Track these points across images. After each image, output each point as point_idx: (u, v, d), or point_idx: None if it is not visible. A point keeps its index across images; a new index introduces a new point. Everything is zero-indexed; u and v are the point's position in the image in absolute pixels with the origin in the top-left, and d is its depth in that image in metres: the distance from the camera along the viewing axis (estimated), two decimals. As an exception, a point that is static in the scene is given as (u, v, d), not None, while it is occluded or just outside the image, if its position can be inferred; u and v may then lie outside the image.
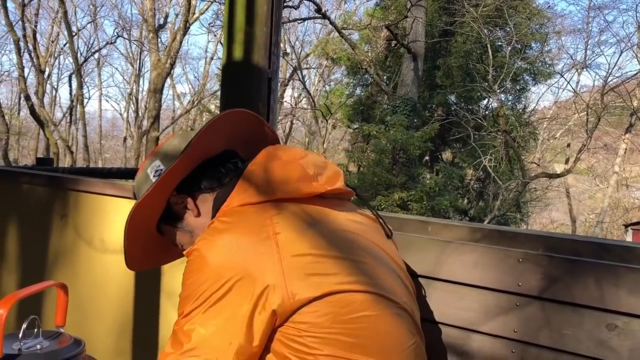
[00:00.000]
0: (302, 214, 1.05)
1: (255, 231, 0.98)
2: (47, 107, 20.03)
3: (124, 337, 2.29)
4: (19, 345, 0.64)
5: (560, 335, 1.19)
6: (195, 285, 0.96)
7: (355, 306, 0.98)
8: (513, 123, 12.85)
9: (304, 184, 1.08)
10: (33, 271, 2.65)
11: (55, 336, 0.68)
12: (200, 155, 1.15)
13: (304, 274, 0.95)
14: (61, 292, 0.72)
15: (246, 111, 1.21)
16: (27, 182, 2.69)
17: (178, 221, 1.18)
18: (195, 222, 1.16)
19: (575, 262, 1.22)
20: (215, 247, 0.97)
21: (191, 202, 1.16)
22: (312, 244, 0.99)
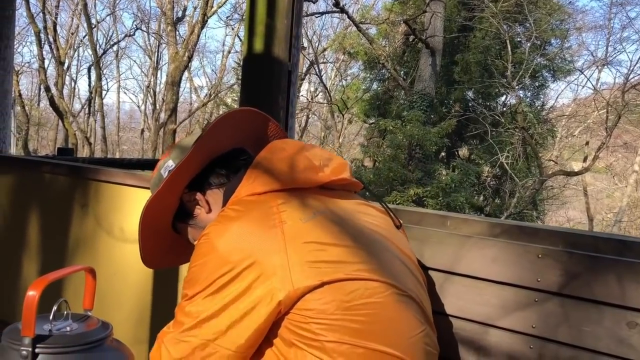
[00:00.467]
0: (308, 203, 1.07)
1: (262, 220, 1.00)
2: (66, 98, 20.24)
3: (142, 325, 2.32)
4: (49, 326, 0.66)
5: (579, 332, 1.19)
6: (201, 270, 0.98)
7: (360, 293, 0.99)
8: (531, 120, 12.72)
9: (310, 174, 1.10)
10: (54, 259, 2.70)
11: (84, 319, 0.69)
12: (209, 153, 1.18)
13: (307, 262, 0.97)
14: (89, 276, 0.74)
15: (254, 110, 1.23)
16: (48, 171, 2.72)
17: (190, 218, 1.21)
18: (206, 217, 1.19)
19: (596, 258, 1.21)
20: (224, 234, 0.99)
21: (202, 198, 1.19)
22: (317, 232, 1.01)
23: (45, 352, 0.62)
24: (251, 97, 1.94)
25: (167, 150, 1.26)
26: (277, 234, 0.98)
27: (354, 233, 1.07)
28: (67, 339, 0.64)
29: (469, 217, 1.51)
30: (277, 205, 1.03)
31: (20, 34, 19.86)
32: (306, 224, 1.01)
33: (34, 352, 0.61)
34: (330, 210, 1.08)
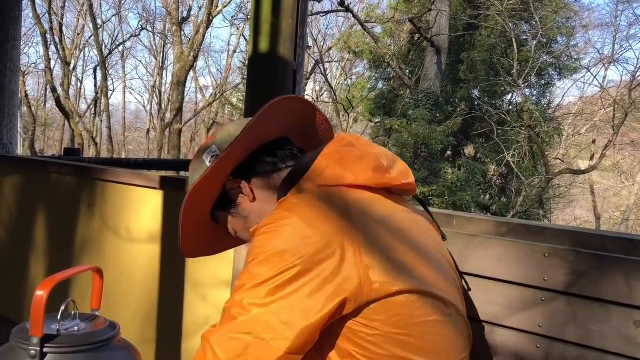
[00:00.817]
0: (377, 204, 1.03)
1: (331, 213, 0.95)
2: (72, 98, 20.33)
3: (148, 325, 2.33)
4: (57, 326, 0.66)
5: (586, 331, 1.18)
6: (261, 264, 0.92)
7: (427, 309, 0.96)
8: (537, 118, 12.67)
9: (379, 174, 1.06)
10: (61, 259, 2.71)
11: (92, 319, 0.70)
12: (257, 140, 1.13)
13: (382, 264, 0.92)
14: (97, 276, 0.74)
15: (303, 99, 1.20)
16: (55, 171, 2.74)
17: (232, 206, 1.15)
18: (250, 207, 1.14)
19: (603, 257, 1.20)
20: (287, 227, 0.93)
21: (247, 186, 1.13)
22: (390, 236, 0.97)
23: (54, 352, 0.62)
24: (256, 97, 1.94)
25: (210, 135, 1.20)
26: (349, 229, 0.93)
27: (419, 243, 1.03)
28: (75, 339, 0.64)
29: (474, 216, 1.51)
30: (345, 201, 0.98)
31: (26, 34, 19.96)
32: (378, 225, 0.97)
33: (42, 352, 0.61)
34: (397, 214, 1.04)
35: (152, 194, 2.31)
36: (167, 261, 2.29)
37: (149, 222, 2.33)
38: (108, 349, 0.64)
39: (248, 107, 1.97)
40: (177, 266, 2.22)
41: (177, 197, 2.23)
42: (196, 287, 2.17)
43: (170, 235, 2.28)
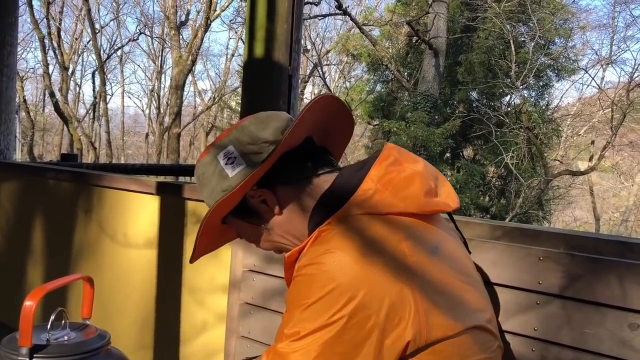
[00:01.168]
0: (425, 233, 0.95)
1: (385, 249, 0.87)
2: (70, 103, 20.33)
3: (146, 331, 2.32)
4: (47, 336, 0.66)
5: (581, 334, 1.18)
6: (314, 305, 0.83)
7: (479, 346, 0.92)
8: (536, 120, 12.68)
9: (429, 200, 0.97)
10: (58, 265, 2.71)
11: (82, 328, 0.69)
12: (290, 145, 1.02)
13: (441, 308, 0.86)
14: (87, 285, 0.74)
15: (334, 96, 1.11)
16: (52, 177, 2.74)
17: (253, 216, 1.05)
18: (275, 219, 1.04)
19: (598, 260, 1.21)
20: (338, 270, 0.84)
21: (272, 197, 1.02)
22: (443, 270, 0.91)
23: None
24: (252, 101, 1.95)
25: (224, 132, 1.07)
26: (405, 271, 0.86)
27: (466, 268, 0.99)
28: (65, 348, 0.64)
29: (470, 219, 1.51)
30: (400, 236, 0.90)
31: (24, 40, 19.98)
32: (431, 260, 0.90)
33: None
34: (443, 241, 0.98)
35: (149, 200, 2.31)
36: (164, 266, 2.29)
37: (146, 228, 2.33)
38: (98, 358, 0.64)
39: (244, 112, 1.97)
40: (174, 271, 2.22)
41: (174, 202, 2.23)
42: (193, 292, 2.17)
43: (168, 241, 2.28)
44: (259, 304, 1.80)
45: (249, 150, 1.01)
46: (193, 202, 2.16)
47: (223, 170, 1.02)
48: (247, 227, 1.08)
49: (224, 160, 1.02)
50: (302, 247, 0.96)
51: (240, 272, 1.88)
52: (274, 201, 1.03)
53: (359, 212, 0.93)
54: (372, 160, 1.01)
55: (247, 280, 1.85)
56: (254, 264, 1.84)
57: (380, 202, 0.94)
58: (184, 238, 2.19)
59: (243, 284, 1.86)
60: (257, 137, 1.01)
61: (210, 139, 23.78)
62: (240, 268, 1.89)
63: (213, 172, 1.03)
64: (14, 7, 3.14)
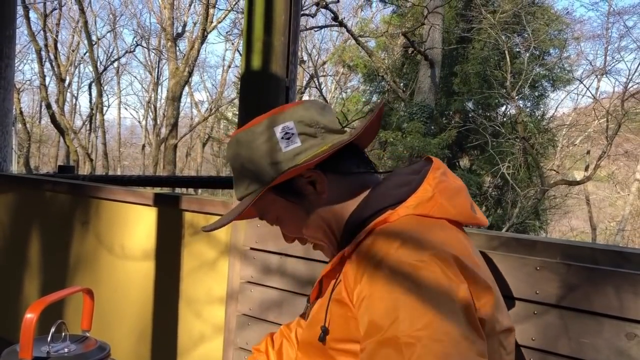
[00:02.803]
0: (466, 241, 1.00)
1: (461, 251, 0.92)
2: (67, 115, 20.33)
3: (143, 342, 2.32)
4: (47, 348, 0.66)
5: (578, 344, 1.19)
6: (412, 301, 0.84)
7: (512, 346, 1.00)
8: (531, 130, 12.73)
9: (472, 213, 1.04)
10: (55, 277, 2.70)
11: (82, 340, 0.70)
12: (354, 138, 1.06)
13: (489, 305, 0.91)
14: (87, 297, 0.74)
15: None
16: (49, 189, 2.74)
17: (296, 196, 1.04)
18: (318, 202, 1.04)
19: (594, 270, 1.21)
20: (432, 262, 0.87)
21: (323, 179, 1.03)
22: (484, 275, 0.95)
23: (43, 375, 0.62)
24: (249, 113, 1.95)
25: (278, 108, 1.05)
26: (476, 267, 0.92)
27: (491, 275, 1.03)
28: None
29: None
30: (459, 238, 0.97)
31: (21, 52, 20.02)
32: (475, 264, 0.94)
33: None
34: (475, 250, 1.03)
35: (146, 211, 2.31)
36: (161, 278, 2.28)
37: (143, 239, 2.33)
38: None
39: (241, 123, 1.98)
40: (171, 283, 2.22)
41: (171, 213, 2.23)
42: (191, 303, 2.16)
43: (165, 252, 2.27)
44: (256, 316, 1.80)
45: (307, 132, 1.02)
46: (190, 214, 2.16)
47: (277, 144, 1.01)
48: (284, 206, 1.06)
49: (281, 134, 1.01)
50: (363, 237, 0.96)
51: (238, 283, 1.89)
52: (324, 185, 1.03)
53: (415, 212, 0.97)
54: (425, 167, 1.06)
55: (245, 291, 1.85)
56: (251, 276, 1.84)
57: (436, 206, 0.98)
58: (182, 249, 2.19)
59: (240, 296, 1.86)
60: (316, 121, 1.03)
61: (207, 150, 23.79)
62: (238, 279, 1.89)
63: (264, 142, 1.02)
64: (11, 20, 3.15)
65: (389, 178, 1.07)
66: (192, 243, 2.16)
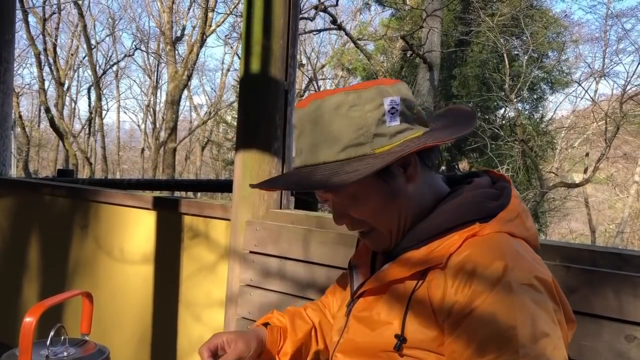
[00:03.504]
0: None
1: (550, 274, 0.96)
2: (66, 119, 20.32)
3: (143, 346, 2.31)
4: (46, 352, 0.66)
5: (578, 347, 1.19)
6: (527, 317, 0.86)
7: None
8: (530, 132, 12.74)
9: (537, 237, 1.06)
10: (54, 281, 2.69)
11: (81, 344, 0.69)
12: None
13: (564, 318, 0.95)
14: (86, 300, 0.74)
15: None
16: (48, 193, 2.74)
17: (388, 175, 0.98)
18: (404, 187, 1.00)
19: (593, 272, 1.21)
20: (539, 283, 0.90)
21: (417, 165, 1.00)
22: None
23: (42, 378, 0.62)
24: (249, 116, 1.96)
25: (390, 85, 0.99)
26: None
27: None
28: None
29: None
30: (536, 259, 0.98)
31: (20, 56, 20.01)
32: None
33: (30, 378, 0.61)
34: None
35: (146, 215, 2.31)
36: (160, 282, 2.28)
37: (143, 243, 2.32)
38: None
39: (241, 126, 1.98)
40: (171, 287, 2.21)
41: (171, 217, 2.23)
42: (190, 307, 2.16)
43: (164, 256, 2.27)
44: (256, 319, 1.79)
45: (406, 113, 0.98)
46: (189, 217, 2.16)
47: (384, 116, 0.96)
48: (370, 183, 0.98)
49: (389, 106, 0.96)
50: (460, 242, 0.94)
51: (237, 286, 1.88)
52: (416, 169, 1.00)
53: (503, 230, 0.96)
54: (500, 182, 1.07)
55: (244, 295, 1.85)
56: (250, 279, 1.84)
57: (519, 226, 0.99)
58: (181, 253, 2.19)
59: (240, 299, 1.86)
60: (414, 106, 1.01)
61: (206, 153, 23.80)
62: (237, 283, 1.89)
63: (372, 111, 0.96)
64: (10, 25, 3.15)
65: (469, 189, 1.03)
66: (191, 246, 2.16)
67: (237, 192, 1.94)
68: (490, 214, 0.97)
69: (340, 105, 0.96)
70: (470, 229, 0.95)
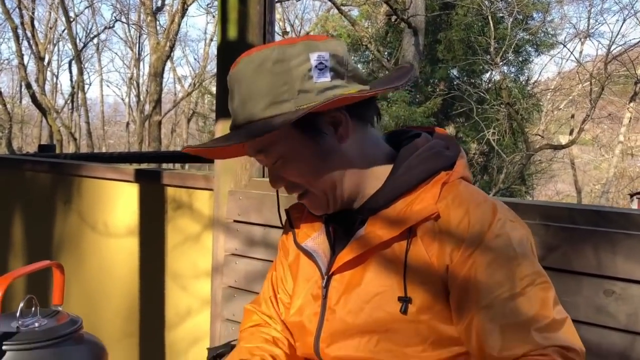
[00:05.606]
0: None
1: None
2: (48, 94, 20.01)
3: (131, 319, 2.32)
4: (17, 323, 0.66)
5: (558, 303, 1.20)
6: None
7: None
8: (516, 95, 12.75)
9: None
10: (39, 257, 2.68)
11: (53, 314, 0.69)
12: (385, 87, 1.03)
13: None
14: (57, 271, 0.73)
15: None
16: (30, 169, 2.70)
17: (315, 133, 0.95)
18: (335, 147, 0.96)
19: (572, 230, 1.22)
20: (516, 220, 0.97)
21: (348, 123, 0.95)
22: None
23: (13, 349, 0.61)
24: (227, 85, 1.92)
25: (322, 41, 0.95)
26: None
27: None
28: (35, 335, 0.63)
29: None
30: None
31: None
32: None
33: (0, 350, 0.61)
34: None
35: (128, 188, 2.29)
36: (146, 254, 2.28)
37: (126, 216, 2.31)
38: (69, 343, 0.64)
39: (220, 95, 1.95)
40: (156, 259, 2.21)
41: (153, 189, 2.22)
42: (176, 278, 2.17)
43: (149, 228, 2.27)
44: (242, 287, 1.80)
45: (337, 69, 0.94)
46: (173, 189, 2.15)
47: (310, 71, 0.92)
48: (298, 143, 0.95)
49: (316, 62, 0.92)
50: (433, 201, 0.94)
51: (222, 256, 1.88)
52: (347, 128, 0.96)
53: (464, 174, 0.99)
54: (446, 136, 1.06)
55: (230, 264, 1.85)
56: (235, 248, 1.84)
57: (469, 175, 1.02)
58: (165, 225, 2.18)
59: (225, 268, 1.86)
60: (348, 62, 0.96)
61: (192, 126, 23.61)
62: (222, 252, 1.89)
63: (297, 66, 0.92)
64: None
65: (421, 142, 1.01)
66: (175, 218, 2.15)
67: (218, 161, 1.92)
68: (451, 162, 0.99)
69: (265, 61, 0.92)
70: (439, 178, 0.96)
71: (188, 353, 2.11)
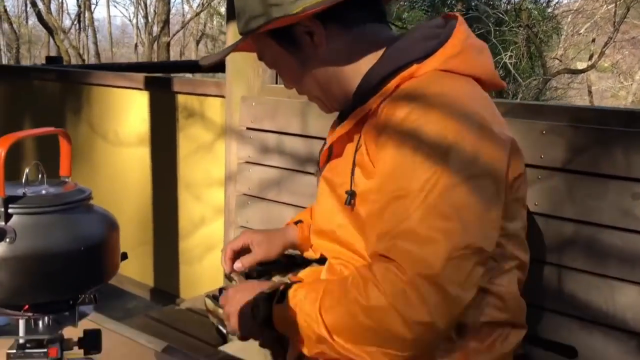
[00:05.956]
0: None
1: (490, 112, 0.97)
2: (54, 14, 19.57)
3: (144, 227, 2.34)
4: (23, 190, 0.63)
5: (583, 207, 1.17)
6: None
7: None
8: (536, 17, 12.30)
9: (494, 72, 1.09)
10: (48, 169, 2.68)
11: (60, 183, 0.66)
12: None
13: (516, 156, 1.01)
14: (64, 140, 0.70)
15: None
16: (37, 77, 2.65)
17: (292, 45, 0.97)
18: (316, 57, 0.97)
19: (602, 131, 1.17)
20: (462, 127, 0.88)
21: (322, 32, 0.95)
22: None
23: (19, 213, 0.59)
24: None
25: None
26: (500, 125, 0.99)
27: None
28: (42, 200, 0.61)
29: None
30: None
31: (-1, -54, 18.90)
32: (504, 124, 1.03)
33: (6, 213, 0.58)
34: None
35: (138, 95, 2.24)
36: (158, 163, 2.26)
37: (137, 125, 2.28)
38: (78, 211, 0.62)
39: (230, 12, 1.86)
40: (169, 168, 2.20)
41: (164, 97, 2.17)
42: (189, 187, 2.15)
43: (160, 137, 2.23)
44: (255, 194, 1.78)
45: None
46: (183, 96, 2.10)
47: None
48: (279, 52, 0.99)
49: None
50: (383, 96, 0.91)
51: (236, 164, 1.86)
52: (322, 37, 0.96)
53: (442, 67, 0.91)
54: (450, 22, 0.98)
55: (243, 172, 1.83)
56: (248, 156, 1.80)
57: (463, 62, 0.93)
58: (177, 133, 2.15)
59: (239, 176, 1.84)
60: None
61: (201, 48, 23.20)
62: (236, 160, 1.86)
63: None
64: None
65: (411, 32, 0.98)
66: (187, 126, 2.12)
67: (230, 66, 1.85)
68: (427, 53, 0.92)
69: None
70: (405, 73, 0.91)
71: (203, 260, 2.13)
